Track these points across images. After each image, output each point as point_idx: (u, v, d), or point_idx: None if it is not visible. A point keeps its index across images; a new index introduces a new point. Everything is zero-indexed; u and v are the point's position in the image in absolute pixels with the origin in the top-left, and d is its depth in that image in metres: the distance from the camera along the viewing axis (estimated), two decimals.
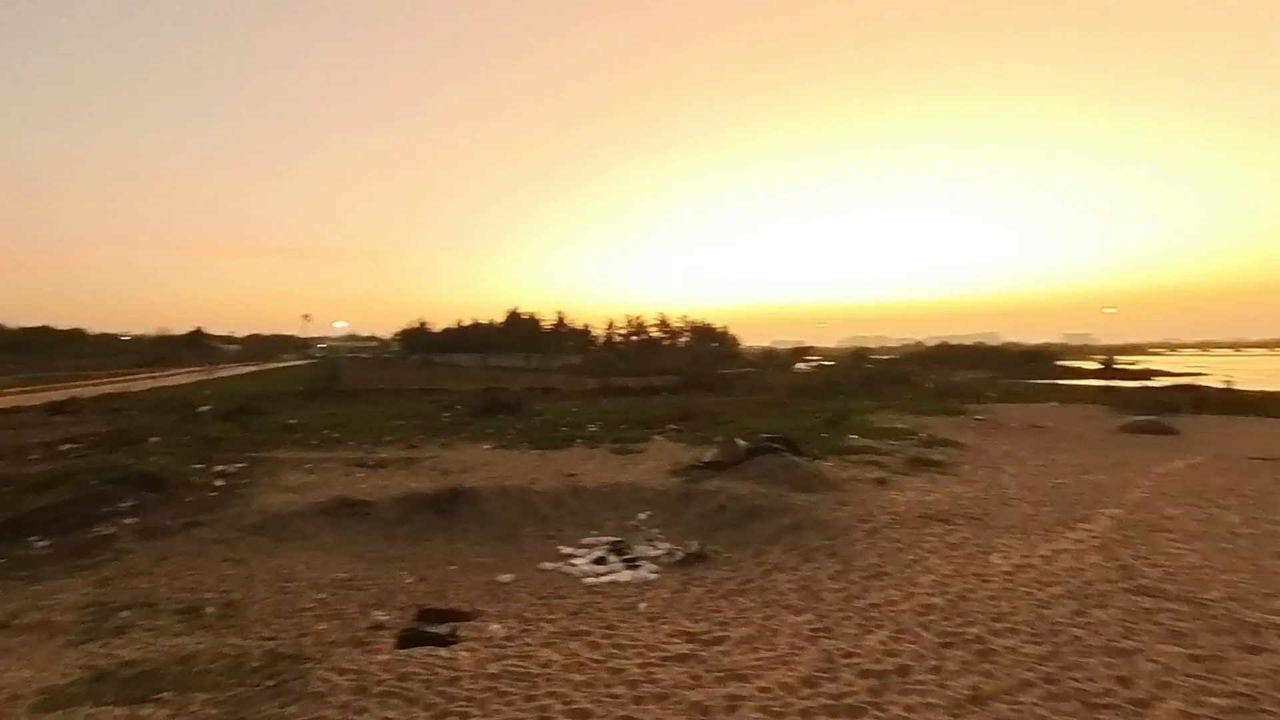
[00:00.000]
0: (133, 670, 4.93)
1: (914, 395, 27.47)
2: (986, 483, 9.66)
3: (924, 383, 36.04)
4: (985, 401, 23.72)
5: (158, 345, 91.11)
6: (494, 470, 11.60)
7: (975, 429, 16.17)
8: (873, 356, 71.50)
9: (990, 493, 8.94)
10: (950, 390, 30.16)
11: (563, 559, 7.91)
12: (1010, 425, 16.83)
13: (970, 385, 33.79)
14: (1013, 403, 23.96)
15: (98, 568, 7.42)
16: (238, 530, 8.64)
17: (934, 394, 28.06)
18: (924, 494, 8.96)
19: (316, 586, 6.95)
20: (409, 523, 8.97)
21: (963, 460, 11.66)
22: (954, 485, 9.53)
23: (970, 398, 25.76)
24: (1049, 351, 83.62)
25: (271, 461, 12.87)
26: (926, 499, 8.63)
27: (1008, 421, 17.52)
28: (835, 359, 77.86)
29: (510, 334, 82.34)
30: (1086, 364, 61.68)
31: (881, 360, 63.32)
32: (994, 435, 15.15)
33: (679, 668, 4.26)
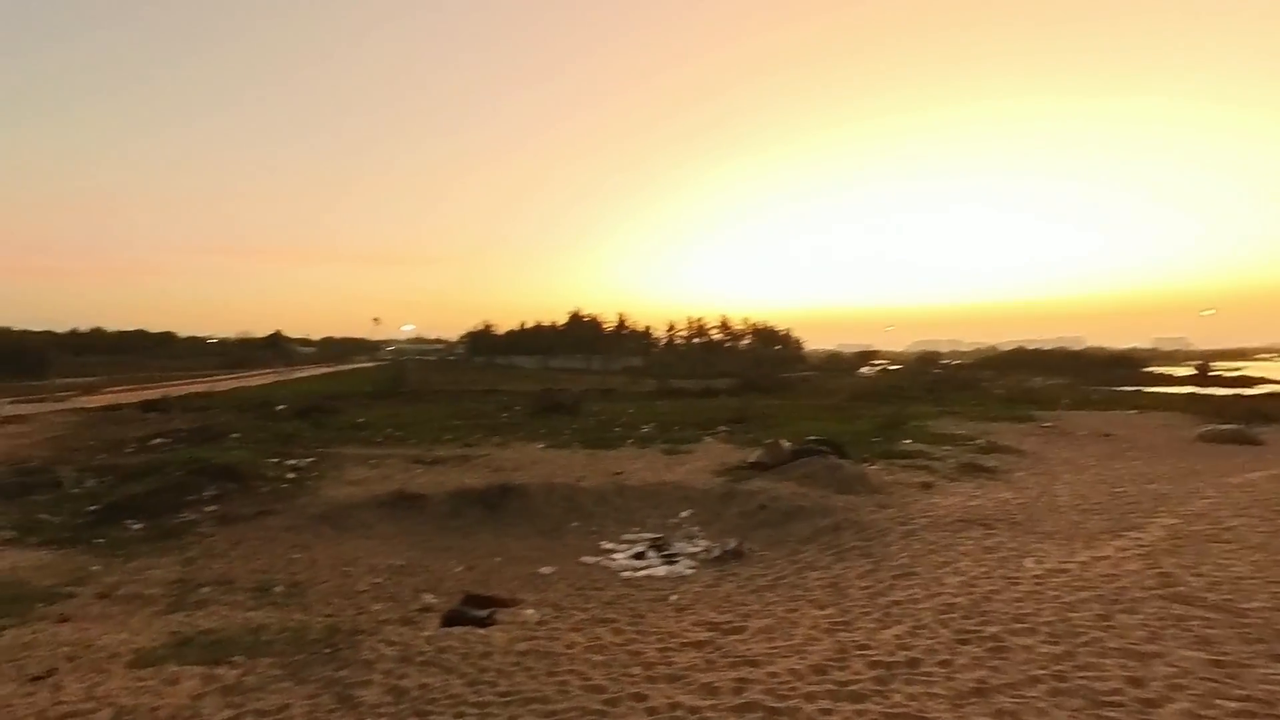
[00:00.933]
0: (210, 637, 5.54)
1: (981, 401, 26.65)
2: (1037, 489, 9.47)
3: (993, 389, 34.84)
4: (1057, 409, 22.83)
5: (240, 348, 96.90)
6: (544, 468, 12.06)
7: (1040, 436, 15.68)
8: (942, 361, 69.31)
9: (1039, 499, 8.78)
10: (1021, 397, 29.09)
11: (603, 554, 8.25)
12: (1079, 433, 16.23)
13: (1043, 392, 32.46)
14: (1087, 410, 22.99)
15: (183, 549, 8.23)
16: (305, 519, 9.38)
17: (1002, 400, 27.15)
18: (968, 499, 8.89)
19: (374, 571, 7.53)
20: (460, 516, 9.51)
21: (1017, 467, 11.41)
22: (1002, 491, 9.39)
23: (1041, 404, 24.82)
24: (1136, 357, 79.15)
25: (338, 457, 13.74)
26: (970, 504, 8.57)
27: (1077, 429, 16.88)
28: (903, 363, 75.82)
29: (571, 336, 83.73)
30: (1178, 370, 58.00)
31: (951, 365, 61.33)
32: (1058, 443, 14.67)
33: (695, 653, 4.52)
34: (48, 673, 4.88)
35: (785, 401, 28.99)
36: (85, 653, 5.25)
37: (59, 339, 68.87)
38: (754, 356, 74.80)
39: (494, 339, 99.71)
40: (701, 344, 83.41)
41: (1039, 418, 19.49)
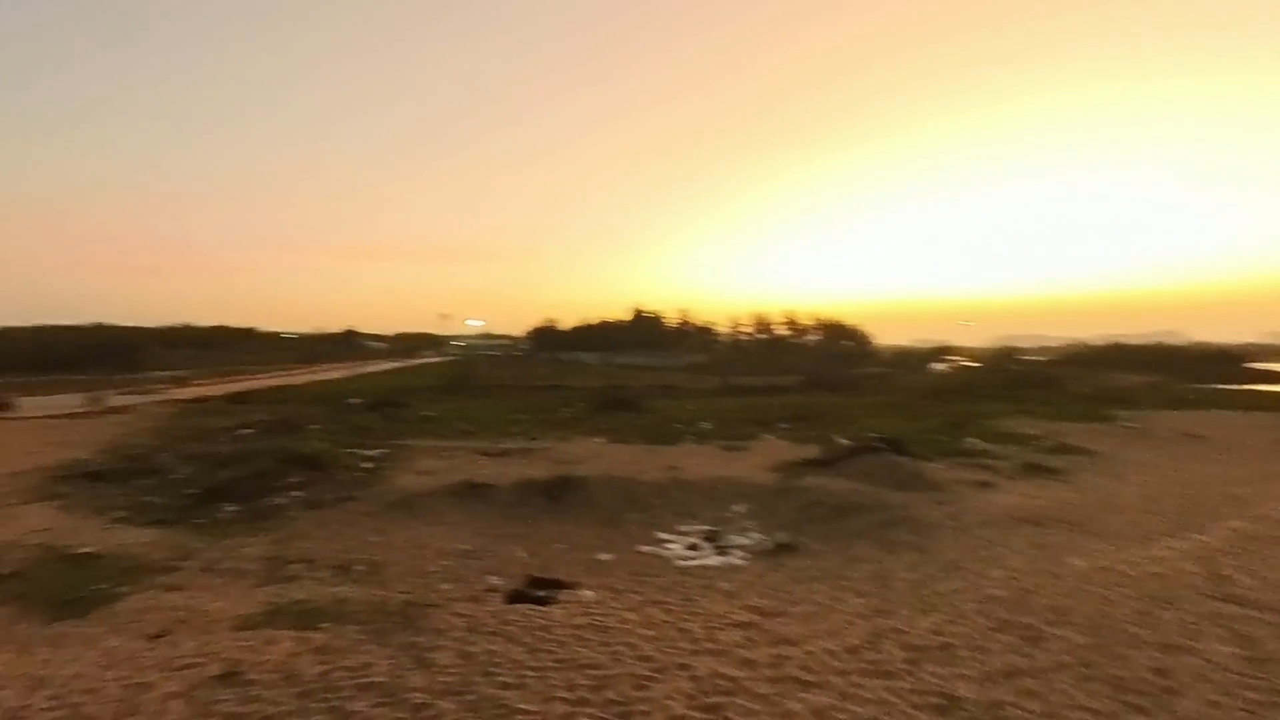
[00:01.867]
0: (301, 607, 6.27)
1: (1060, 400, 25.75)
2: (1100, 490, 9.36)
3: (1076, 387, 33.46)
4: (1143, 408, 21.90)
5: (315, 343, 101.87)
6: (604, 462, 12.59)
7: (1118, 437, 15.21)
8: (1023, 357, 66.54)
9: (1100, 501, 8.71)
10: (1105, 395, 27.91)
11: (659, 543, 8.69)
12: (1161, 434, 15.64)
13: (1131, 390, 31.00)
14: (1177, 409, 21.95)
15: (272, 530, 9.13)
16: (381, 505, 10.19)
17: (1083, 399, 26.14)
18: (1026, 498, 8.89)
19: (444, 555, 8.20)
20: (524, 505, 10.12)
21: (1084, 468, 11.21)
22: (1062, 491, 9.33)
23: (1127, 404, 23.82)
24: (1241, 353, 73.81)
25: (410, 448, 14.66)
26: (1027, 503, 8.58)
27: (1160, 430, 16.26)
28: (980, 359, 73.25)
29: (634, 332, 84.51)
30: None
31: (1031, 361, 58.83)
32: (1137, 444, 14.22)
33: (739, 632, 4.90)
34: (164, 632, 5.68)
35: (851, 399, 28.75)
36: (194, 617, 6.05)
37: (151, 334, 74.13)
38: (821, 353, 73.71)
39: (559, 335, 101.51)
40: (766, 340, 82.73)
41: (1122, 418, 18.81)
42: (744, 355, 72.93)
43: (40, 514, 9.81)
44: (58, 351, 54.49)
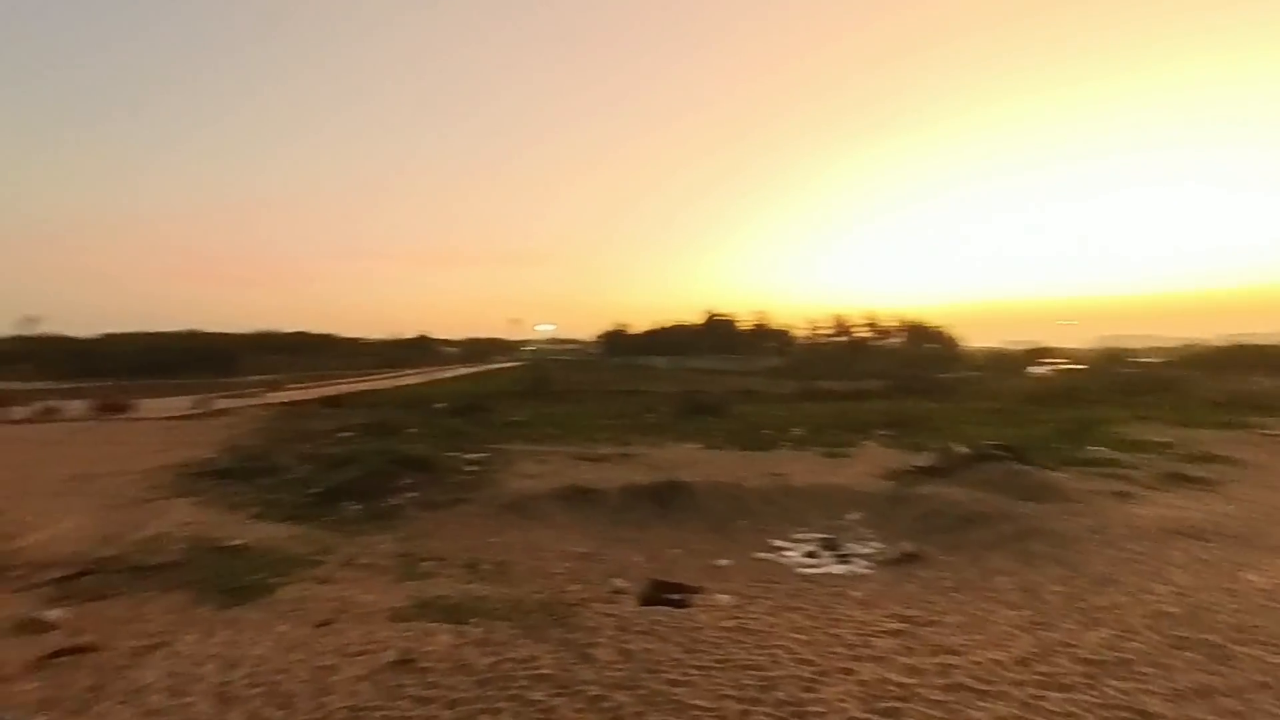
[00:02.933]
0: (445, 603, 6.68)
1: (1184, 405, 24.32)
2: (1261, 503, 8.88)
3: (1202, 391, 31.47)
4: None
5: (391, 348, 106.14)
6: (703, 468, 12.76)
7: (1261, 445, 14.31)
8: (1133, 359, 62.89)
9: (1262, 513, 8.28)
10: (1237, 400, 26.16)
11: (775, 550, 8.79)
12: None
13: (1268, 394, 28.92)
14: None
15: (396, 529, 9.70)
16: (493, 508, 10.66)
17: (1212, 404, 24.60)
18: (1174, 510, 8.54)
19: (563, 557, 8.54)
20: (632, 510, 10.40)
21: (1234, 478, 10.63)
22: (1216, 503, 8.90)
23: (1266, 410, 22.29)
24: None
25: (508, 452, 15.22)
26: (1176, 515, 8.25)
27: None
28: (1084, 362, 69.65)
29: (708, 336, 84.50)
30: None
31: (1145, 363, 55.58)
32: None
33: (893, 640, 4.97)
34: (328, 621, 6.18)
35: (945, 405, 27.98)
36: (350, 608, 6.55)
37: (240, 340, 78.95)
38: (905, 356, 71.79)
39: (629, 339, 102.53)
40: (846, 343, 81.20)
41: (1261, 424, 17.66)
42: (822, 359, 71.76)
43: (183, 509, 10.72)
44: (160, 357, 58.90)
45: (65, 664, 5.35)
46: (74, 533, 9.48)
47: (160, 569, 7.85)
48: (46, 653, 5.54)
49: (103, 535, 9.32)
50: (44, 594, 7.13)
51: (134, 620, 6.34)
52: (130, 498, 11.56)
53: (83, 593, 7.10)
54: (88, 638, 5.93)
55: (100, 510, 10.69)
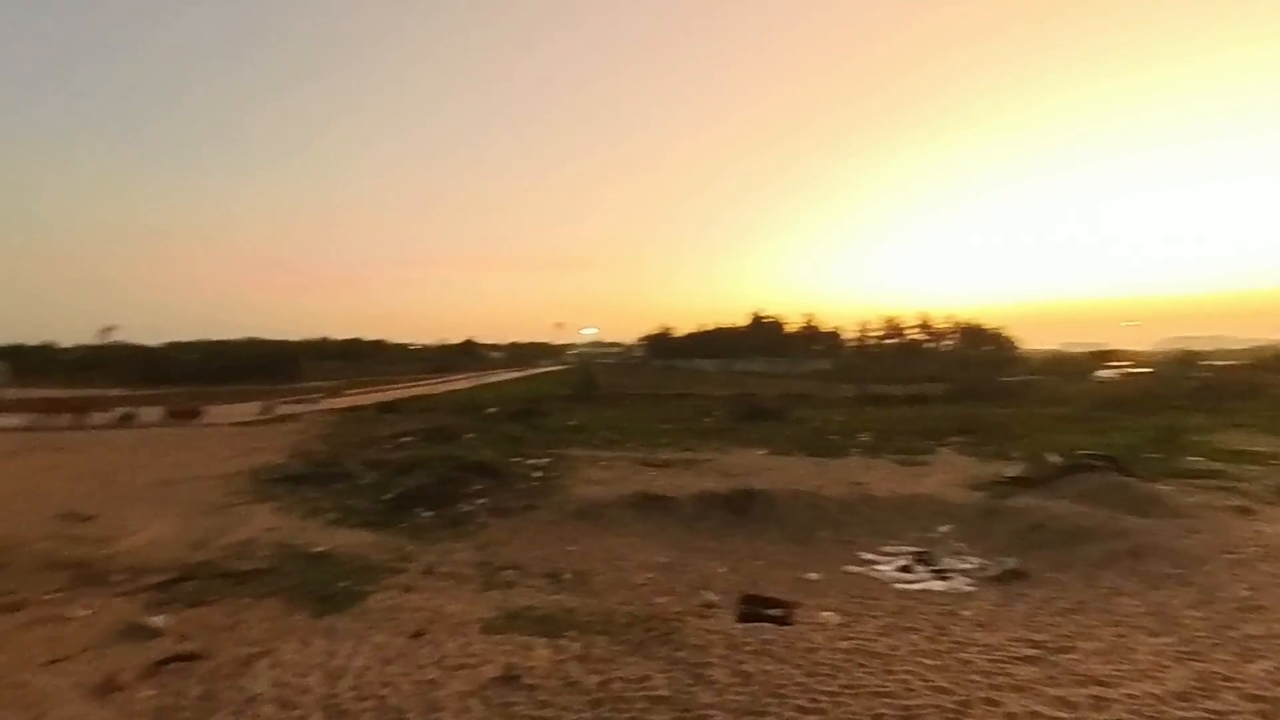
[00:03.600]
0: (533, 614, 6.59)
1: (1276, 411, 22.98)
2: None
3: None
4: None
5: (438, 353, 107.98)
6: (775, 475, 12.47)
7: None
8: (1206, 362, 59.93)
9: None
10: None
11: (865, 564, 8.48)
12: None
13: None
14: None
15: (471, 536, 9.68)
16: (564, 514, 10.57)
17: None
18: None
19: (643, 567, 8.38)
20: (707, 519, 10.19)
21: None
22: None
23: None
24: None
25: (571, 458, 15.16)
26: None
27: None
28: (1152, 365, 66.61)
29: (753, 338, 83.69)
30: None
31: (1219, 366, 52.88)
32: None
33: (1030, 667, 4.66)
34: (421, 631, 6.13)
35: (1014, 410, 27.02)
36: (441, 618, 6.49)
37: (296, 347, 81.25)
38: (961, 359, 69.87)
39: (673, 341, 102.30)
40: (898, 345, 79.50)
41: None
42: (874, 361, 70.38)
43: (265, 514, 10.91)
44: (222, 363, 60.93)
45: (176, 671, 5.39)
46: (165, 537, 9.72)
47: (252, 575, 7.95)
48: (156, 659, 5.61)
49: (192, 540, 9.52)
50: (146, 599, 7.28)
51: (234, 627, 6.40)
52: (212, 503, 11.83)
53: (183, 598, 7.23)
54: (193, 645, 6.00)
55: (187, 515, 10.95)
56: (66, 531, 10.06)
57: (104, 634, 6.32)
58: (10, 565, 8.53)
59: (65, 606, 7.09)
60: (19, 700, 5.03)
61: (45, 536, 9.76)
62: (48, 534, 9.91)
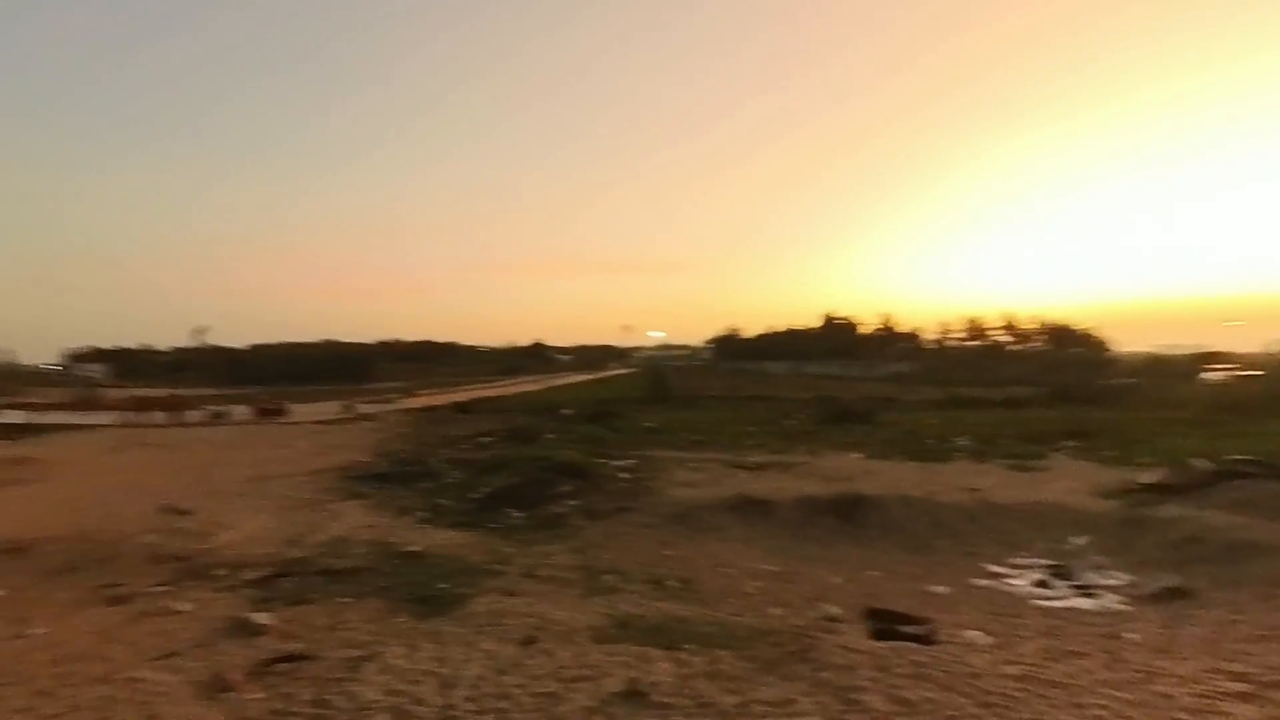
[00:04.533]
0: (644, 623, 6.21)
1: None
2: None
3: None
4: None
5: (507, 355, 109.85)
6: (879, 479, 11.80)
7: None
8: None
9: None
10: None
11: (994, 577, 7.79)
12: None
13: None
14: None
15: (566, 539, 9.41)
16: (659, 518, 10.21)
17: None
18: None
19: (751, 575, 7.92)
20: (813, 525, 9.64)
21: None
22: None
23: None
24: None
25: (655, 459, 14.80)
26: None
27: None
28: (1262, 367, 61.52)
29: (826, 340, 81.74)
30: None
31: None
32: None
33: (1246, 706, 4.00)
34: (531, 639, 5.83)
35: (1120, 414, 25.28)
36: (548, 624, 6.19)
37: (371, 349, 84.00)
38: (1050, 361, 66.38)
39: (741, 343, 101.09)
40: (982, 347, 76.22)
41: None
42: (957, 364, 67.66)
43: (356, 512, 10.96)
44: (301, 365, 63.45)
45: (284, 672, 5.25)
46: (261, 533, 9.83)
47: (349, 573, 7.87)
48: (264, 658, 5.50)
49: (287, 536, 9.59)
50: (247, 595, 7.27)
51: (337, 627, 6.26)
52: (304, 499, 11.99)
53: (282, 595, 7.17)
54: (299, 644, 5.87)
55: (280, 511, 11.10)
56: (167, 526, 10.30)
57: (210, 629, 6.28)
58: (117, 558, 8.75)
59: (172, 600, 7.14)
60: (133, 697, 4.95)
61: (148, 530, 10.02)
62: (150, 527, 10.18)
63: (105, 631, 6.35)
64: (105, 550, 9.06)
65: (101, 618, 6.75)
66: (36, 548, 9.25)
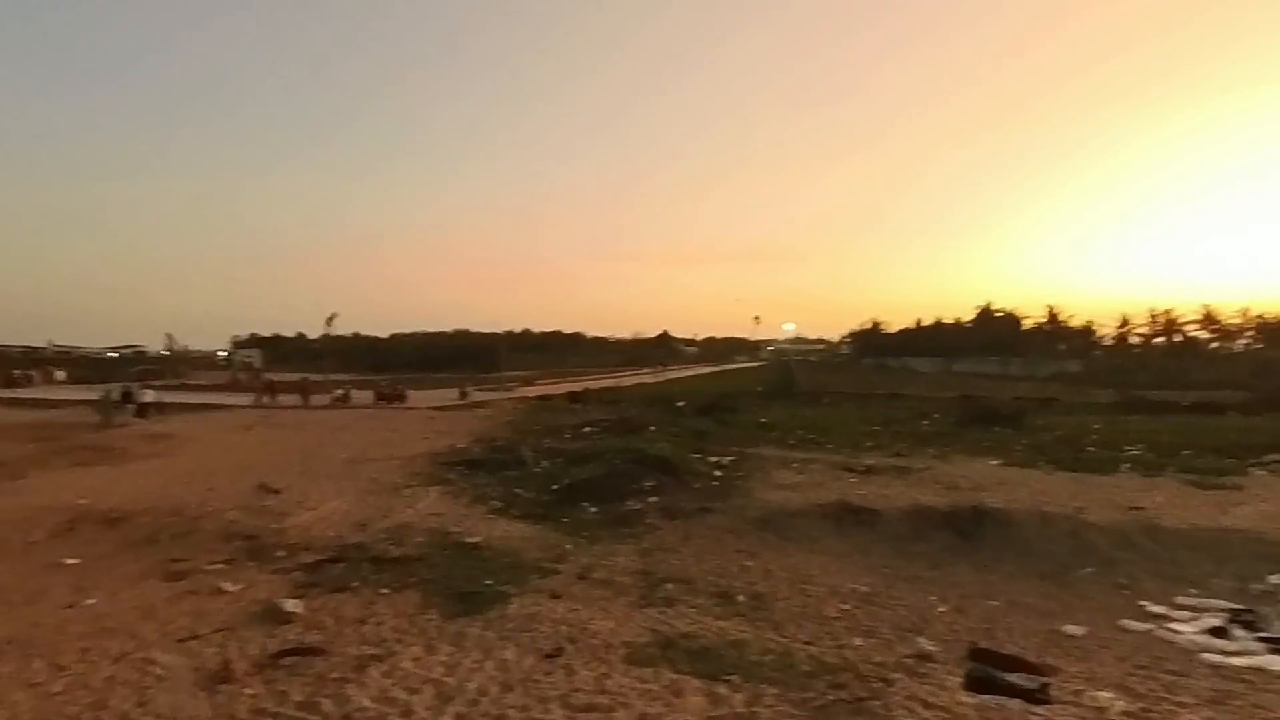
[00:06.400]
0: (693, 644, 5.51)
1: None
2: None
3: None
4: None
5: (634, 347, 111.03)
6: (1014, 490, 10.31)
7: None
8: None
9: None
10: None
11: (1152, 619, 6.37)
12: None
13: None
14: None
15: (636, 538, 8.83)
16: (745, 522, 9.39)
17: None
18: None
19: (837, 595, 6.98)
20: (924, 540, 8.47)
21: None
22: None
23: None
24: None
25: (757, 458, 13.90)
26: None
27: None
28: None
29: (981, 335, 75.90)
30: None
31: None
32: None
33: None
34: (556, 651, 5.30)
35: None
36: (583, 636, 5.63)
37: (501, 338, 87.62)
38: (1261, 360, 57.79)
39: (884, 338, 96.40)
40: (1172, 344, 67.81)
41: None
42: (1140, 363, 60.59)
43: (432, 498, 10.95)
44: (434, 353, 67.26)
45: (289, 666, 5.04)
46: (334, 516, 9.98)
47: (399, 562, 7.71)
48: (275, 651, 5.33)
49: (357, 520, 9.67)
50: (295, 579, 7.25)
51: (364, 620, 6.04)
52: (388, 483, 12.19)
53: (327, 581, 7.08)
54: (318, 636, 5.69)
55: (361, 494, 11.31)
56: (255, 503, 10.73)
57: (242, 613, 6.25)
58: (195, 533, 9.13)
59: (222, 579, 7.25)
60: (137, 681, 4.89)
61: (236, 507, 10.46)
62: (239, 504, 10.63)
63: (148, 608, 6.49)
64: (187, 525, 9.51)
65: (152, 592, 6.94)
66: (133, 519, 9.88)
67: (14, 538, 9.15)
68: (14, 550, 8.64)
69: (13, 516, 10.17)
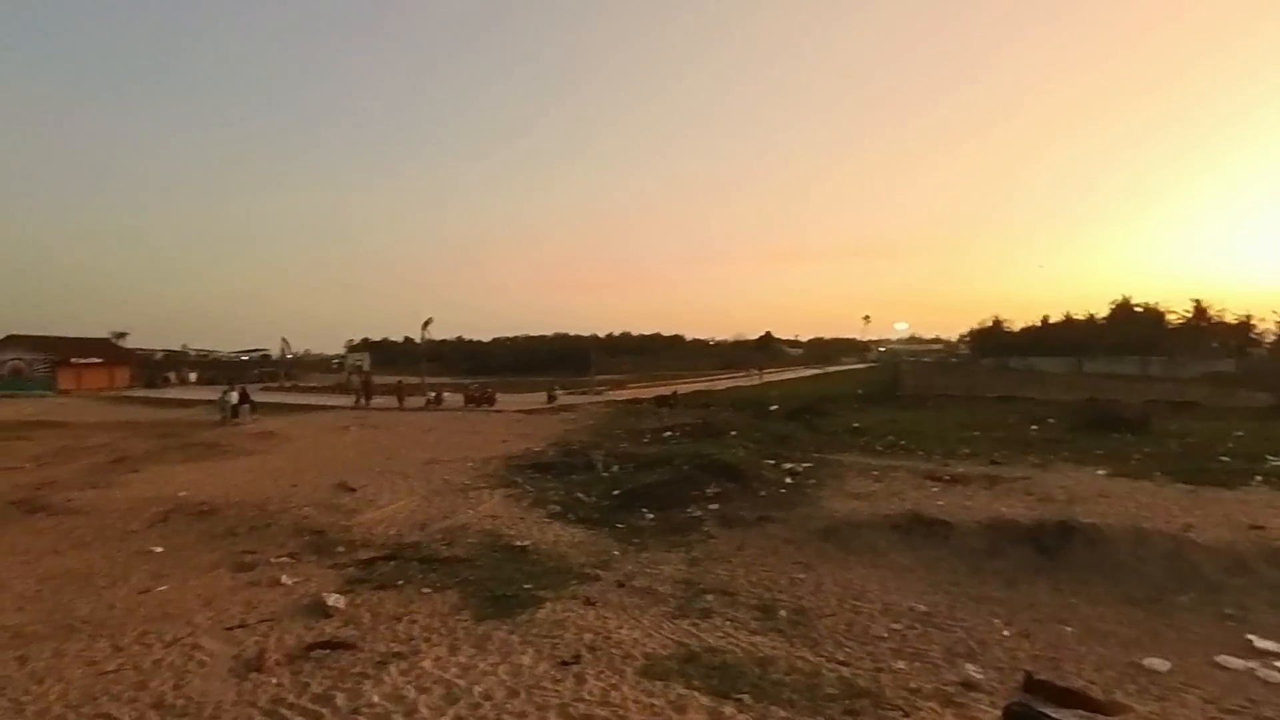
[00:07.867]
0: (716, 659, 5.38)
1: None
2: None
3: None
4: None
5: (734, 349, 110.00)
6: (1115, 504, 9.50)
7: None
8: None
9: None
10: None
11: (1259, 656, 5.68)
12: None
13: None
14: None
15: (688, 547, 8.72)
16: (806, 532, 9.09)
17: None
18: None
19: (890, 613, 6.63)
20: (1000, 557, 7.92)
21: None
22: None
23: None
24: None
25: (837, 464, 13.45)
26: None
27: None
28: None
29: (1117, 333, 70.31)
30: None
31: None
32: None
33: None
34: (574, 658, 5.31)
35: None
36: (604, 645, 5.62)
37: (598, 342, 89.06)
38: None
39: (1006, 337, 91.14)
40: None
41: None
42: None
43: (495, 500, 11.25)
44: (532, 357, 69.17)
45: (318, 660, 5.30)
46: (399, 515, 10.43)
47: (447, 562, 7.96)
48: (309, 643, 5.62)
49: (419, 520, 10.07)
50: (349, 574, 7.63)
51: (400, 618, 6.27)
52: (457, 485, 12.62)
53: (375, 578, 7.42)
54: (352, 631, 5.96)
55: (429, 495, 11.77)
56: (331, 500, 11.38)
57: (291, 605, 6.64)
58: (270, 527, 9.78)
59: (283, 571, 7.73)
60: (180, 665, 5.29)
61: (313, 504, 11.13)
62: (316, 501, 11.31)
63: (210, 596, 7.02)
64: (266, 519, 10.21)
65: (218, 582, 7.49)
66: (220, 511, 10.71)
67: (116, 525, 10.13)
68: (113, 537, 9.55)
69: (119, 506, 11.26)
